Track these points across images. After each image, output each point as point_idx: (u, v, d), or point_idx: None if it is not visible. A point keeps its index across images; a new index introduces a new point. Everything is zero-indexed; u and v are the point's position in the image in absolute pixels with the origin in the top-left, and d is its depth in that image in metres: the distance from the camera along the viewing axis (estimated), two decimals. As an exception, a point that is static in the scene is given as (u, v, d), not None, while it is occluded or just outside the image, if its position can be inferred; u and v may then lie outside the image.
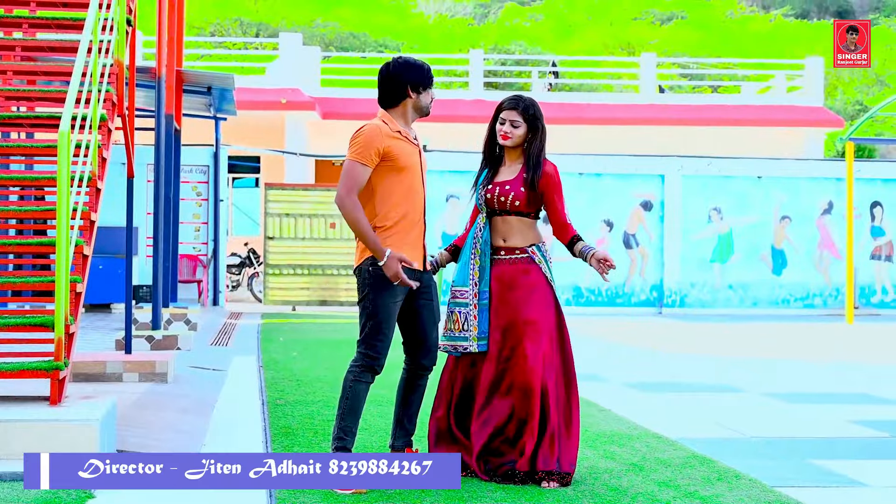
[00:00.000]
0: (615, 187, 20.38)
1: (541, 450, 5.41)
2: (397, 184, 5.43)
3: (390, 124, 5.45)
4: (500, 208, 5.66)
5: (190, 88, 15.87)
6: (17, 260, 11.32)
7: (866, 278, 20.87)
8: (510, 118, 5.64)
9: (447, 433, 5.64)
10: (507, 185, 5.64)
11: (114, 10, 7.87)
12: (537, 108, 5.70)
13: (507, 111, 5.65)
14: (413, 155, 5.49)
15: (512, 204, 5.63)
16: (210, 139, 19.05)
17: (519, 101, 5.67)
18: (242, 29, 37.73)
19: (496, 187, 5.67)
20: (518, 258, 5.64)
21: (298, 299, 19.64)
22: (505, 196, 5.63)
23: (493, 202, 5.67)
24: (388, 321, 5.35)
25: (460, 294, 5.63)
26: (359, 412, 5.37)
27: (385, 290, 5.33)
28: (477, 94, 26.02)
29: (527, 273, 5.61)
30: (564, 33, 42.72)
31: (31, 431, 5.33)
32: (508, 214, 5.66)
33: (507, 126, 5.64)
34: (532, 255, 5.64)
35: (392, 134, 5.41)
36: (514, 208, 5.64)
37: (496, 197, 5.65)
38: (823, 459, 6.27)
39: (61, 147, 5.83)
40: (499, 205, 5.65)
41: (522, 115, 5.64)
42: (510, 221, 5.66)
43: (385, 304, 5.34)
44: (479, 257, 5.64)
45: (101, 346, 10.93)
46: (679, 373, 10.63)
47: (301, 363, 10.67)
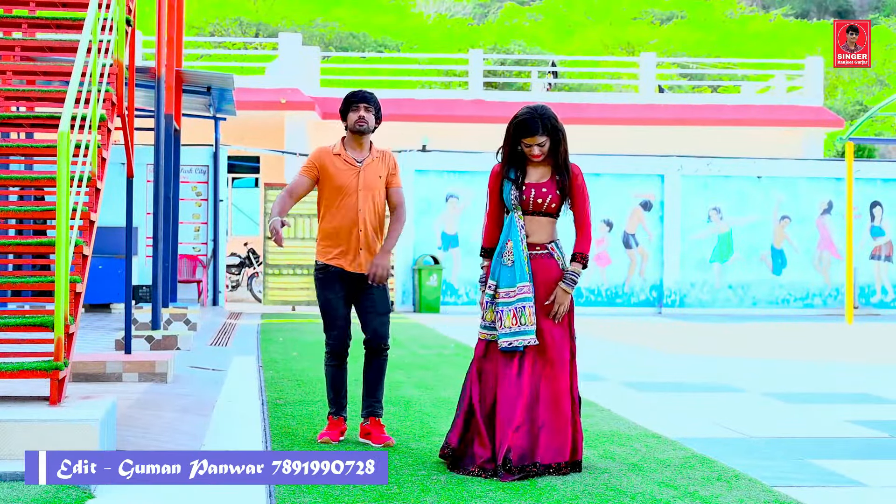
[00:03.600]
0: (615, 187, 20.38)
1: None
2: (332, 198, 6.38)
3: (338, 146, 6.45)
4: (535, 209, 5.80)
5: (189, 88, 15.86)
6: (16, 260, 11.32)
7: (866, 278, 20.88)
8: (537, 143, 5.72)
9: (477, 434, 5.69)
10: (544, 188, 5.77)
11: (113, 10, 7.87)
12: (552, 115, 5.77)
13: (535, 137, 5.69)
14: (348, 175, 6.36)
15: (549, 206, 5.79)
16: (210, 139, 19.05)
17: (540, 124, 5.69)
18: (242, 29, 37.73)
19: (531, 189, 5.78)
20: (540, 254, 5.81)
21: (298, 299, 19.64)
22: (543, 198, 5.77)
23: (529, 203, 5.79)
24: (331, 312, 6.44)
25: (520, 290, 5.70)
26: (338, 387, 6.48)
27: (325, 288, 6.44)
28: (476, 93, 26.02)
29: (549, 269, 5.79)
30: (564, 33, 42.73)
31: (31, 431, 5.32)
32: (540, 215, 5.80)
33: (536, 149, 5.74)
34: (552, 252, 5.83)
35: (333, 154, 6.41)
36: (549, 210, 5.80)
37: (532, 199, 5.78)
38: (823, 459, 6.27)
39: (61, 147, 5.83)
40: (534, 206, 5.79)
41: (547, 134, 5.73)
42: (540, 221, 5.82)
43: (326, 299, 6.44)
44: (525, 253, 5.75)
45: (100, 346, 10.93)
46: (679, 373, 10.63)
47: (301, 363, 10.67)
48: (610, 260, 20.41)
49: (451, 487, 5.32)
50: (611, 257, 20.41)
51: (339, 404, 6.51)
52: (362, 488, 5.22)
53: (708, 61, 33.87)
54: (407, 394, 8.52)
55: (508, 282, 5.74)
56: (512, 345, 5.67)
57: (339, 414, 6.52)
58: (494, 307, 5.76)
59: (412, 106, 24.80)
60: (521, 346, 5.67)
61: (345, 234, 6.36)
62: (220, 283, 18.69)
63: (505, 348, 5.69)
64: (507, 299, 5.72)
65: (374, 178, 6.41)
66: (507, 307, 5.71)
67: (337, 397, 6.51)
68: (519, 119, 5.73)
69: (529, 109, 5.75)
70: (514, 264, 5.74)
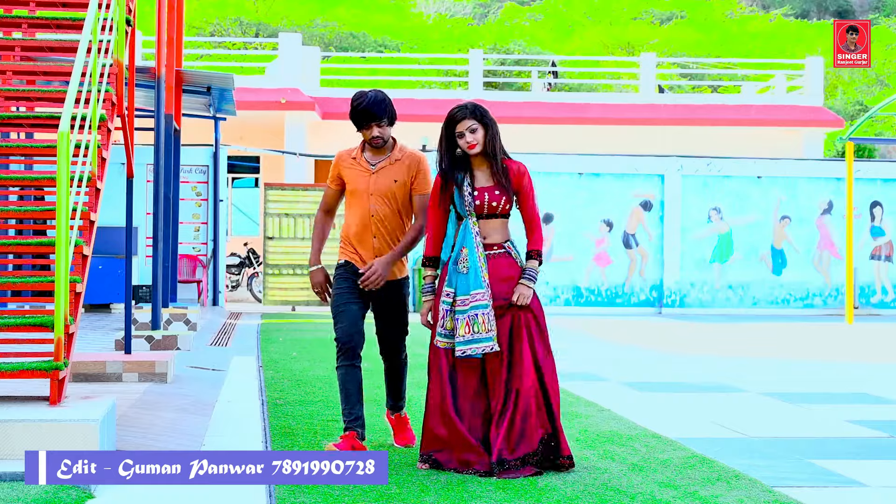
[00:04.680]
0: (615, 187, 20.38)
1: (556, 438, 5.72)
2: (349, 203, 6.18)
3: (357, 149, 6.19)
4: (490, 213, 5.82)
5: (189, 88, 15.86)
6: (16, 260, 11.32)
7: (866, 278, 20.88)
8: (468, 127, 5.77)
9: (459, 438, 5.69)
10: (497, 191, 5.80)
11: (113, 10, 7.87)
12: (482, 107, 5.84)
13: (462, 122, 5.76)
14: (360, 179, 6.10)
15: (503, 208, 5.82)
16: (209, 139, 19.04)
17: (466, 108, 5.79)
18: (242, 29, 37.72)
19: (483, 193, 5.80)
20: (497, 253, 5.83)
21: (298, 299, 19.64)
22: (497, 201, 5.80)
23: (483, 208, 5.81)
24: (340, 305, 6.04)
25: (473, 298, 5.70)
26: (350, 395, 5.97)
27: (338, 281, 6.12)
28: (476, 93, 26.00)
29: (508, 267, 5.82)
30: (564, 33, 42.75)
31: (31, 431, 5.32)
32: (494, 217, 5.83)
33: (468, 136, 5.77)
34: (508, 250, 5.86)
35: (349, 159, 6.16)
36: (503, 211, 5.83)
37: (486, 203, 5.80)
38: (823, 459, 6.27)
39: (61, 147, 5.83)
40: (488, 209, 5.81)
41: (475, 119, 5.77)
42: (493, 223, 5.85)
43: (338, 291, 6.08)
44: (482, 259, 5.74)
45: (100, 346, 10.93)
46: (679, 373, 10.63)
47: (301, 363, 10.67)
48: (610, 260, 20.41)
49: (451, 487, 5.32)
50: (611, 257, 20.41)
51: (351, 416, 5.95)
52: (362, 488, 5.22)
53: (708, 61, 33.86)
54: (408, 394, 8.51)
55: (464, 290, 5.74)
56: (466, 353, 5.69)
57: (352, 428, 5.95)
58: (453, 315, 5.76)
59: (412, 106, 24.78)
60: (477, 354, 5.68)
61: (359, 239, 6.11)
62: (220, 283, 18.68)
63: (459, 356, 5.71)
64: (462, 307, 5.73)
65: (387, 182, 6.07)
66: (461, 315, 5.71)
67: (348, 406, 5.96)
68: (448, 113, 5.81)
69: (457, 105, 5.84)
70: (468, 271, 5.74)
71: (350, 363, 5.98)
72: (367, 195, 6.07)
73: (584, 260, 20.25)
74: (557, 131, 25.27)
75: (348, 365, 5.98)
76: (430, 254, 5.93)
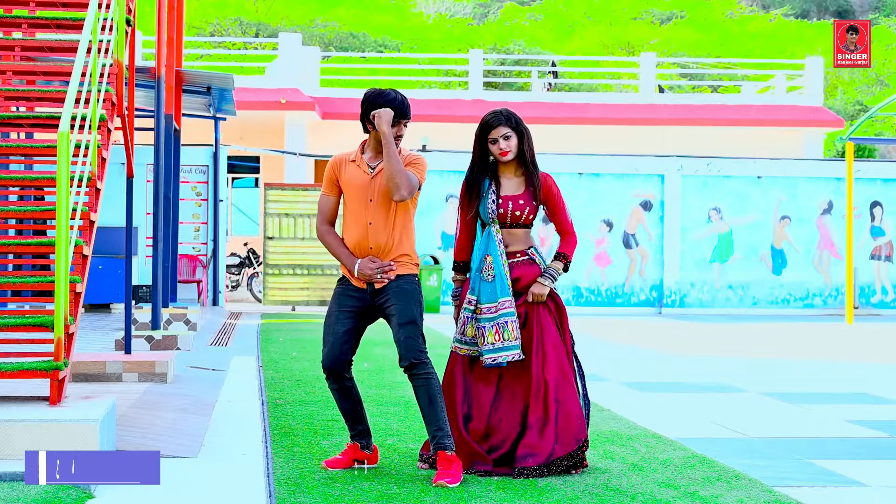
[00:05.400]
0: (615, 187, 20.39)
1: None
2: (346, 209, 5.79)
3: (356, 152, 5.81)
4: (513, 222, 5.83)
5: (189, 88, 15.86)
6: (16, 260, 11.31)
7: (866, 278, 20.88)
8: (502, 134, 5.77)
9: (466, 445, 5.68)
10: (521, 200, 5.80)
11: (113, 10, 7.87)
12: (516, 114, 5.85)
13: (497, 128, 5.77)
14: (359, 182, 5.72)
15: (526, 218, 5.84)
16: (209, 139, 19.04)
17: (501, 115, 5.80)
18: (242, 29, 37.72)
19: (508, 202, 5.80)
20: (521, 260, 5.84)
21: (298, 299, 19.64)
22: (521, 210, 5.81)
23: (507, 216, 5.81)
24: (328, 326, 5.74)
25: (501, 305, 5.71)
26: (346, 414, 5.79)
27: (333, 300, 5.80)
28: (476, 93, 26.01)
29: (532, 273, 5.83)
30: (564, 33, 42.75)
31: (31, 431, 5.32)
32: (517, 227, 5.84)
33: (502, 142, 5.77)
34: (532, 257, 5.87)
35: (348, 160, 5.78)
36: (526, 222, 5.85)
37: (510, 212, 5.80)
38: (823, 459, 6.27)
39: (61, 147, 5.83)
40: (512, 219, 5.82)
41: (510, 126, 5.78)
42: (516, 233, 5.86)
43: (329, 312, 5.78)
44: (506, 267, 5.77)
45: (100, 346, 10.93)
46: (679, 373, 10.63)
47: (301, 363, 10.66)
48: (610, 260, 20.41)
49: (451, 487, 5.32)
50: (611, 257, 20.41)
51: (353, 430, 5.83)
52: (362, 488, 5.22)
53: (708, 61, 33.87)
54: (407, 394, 8.50)
55: (490, 297, 5.74)
56: (496, 360, 5.69)
57: (354, 439, 5.83)
58: (476, 323, 5.76)
59: (412, 106, 24.65)
60: (504, 362, 5.68)
61: (356, 248, 5.68)
62: (220, 283, 18.68)
63: (489, 364, 5.70)
64: (489, 315, 5.73)
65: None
66: (489, 323, 5.71)
67: (348, 422, 5.83)
68: (483, 119, 5.82)
69: (492, 111, 5.86)
70: (494, 279, 5.74)
71: (337, 385, 5.74)
72: (365, 200, 5.66)
73: (584, 260, 20.25)
74: (557, 131, 25.26)
75: (336, 388, 5.75)
76: (459, 258, 5.95)
